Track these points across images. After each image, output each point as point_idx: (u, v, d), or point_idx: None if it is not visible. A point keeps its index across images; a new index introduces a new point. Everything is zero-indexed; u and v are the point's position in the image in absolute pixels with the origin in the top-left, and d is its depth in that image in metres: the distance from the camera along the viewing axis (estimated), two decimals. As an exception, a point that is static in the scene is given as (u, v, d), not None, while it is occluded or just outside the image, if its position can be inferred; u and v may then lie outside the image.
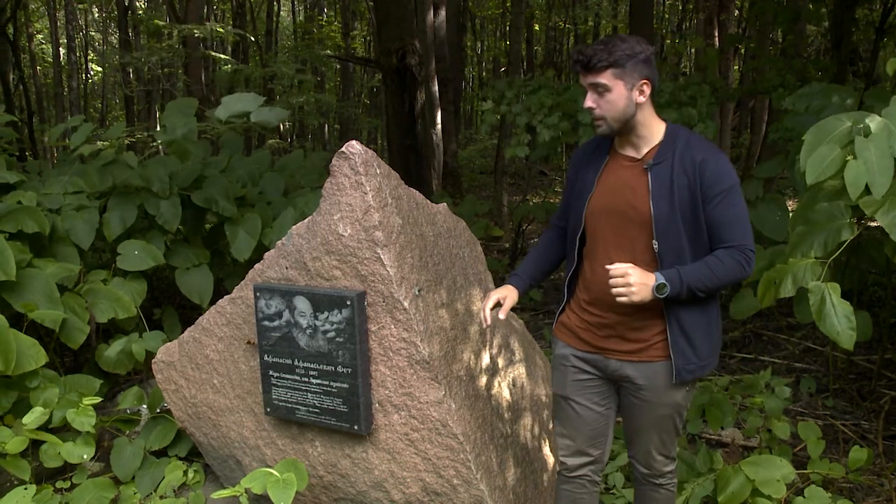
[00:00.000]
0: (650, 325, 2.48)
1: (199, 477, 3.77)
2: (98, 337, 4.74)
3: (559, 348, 2.73)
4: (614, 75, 2.35)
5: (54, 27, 20.24)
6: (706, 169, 2.35)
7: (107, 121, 23.71)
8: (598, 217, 2.51)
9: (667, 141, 2.44)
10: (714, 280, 2.33)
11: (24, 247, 4.41)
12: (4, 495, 3.26)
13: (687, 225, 2.38)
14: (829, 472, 3.45)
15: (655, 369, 2.50)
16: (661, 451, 2.67)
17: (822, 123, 3.32)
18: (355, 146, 2.71)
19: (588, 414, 2.68)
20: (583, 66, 2.36)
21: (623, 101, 2.38)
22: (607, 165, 2.54)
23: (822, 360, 5.33)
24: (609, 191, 2.50)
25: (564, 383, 2.70)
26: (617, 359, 2.55)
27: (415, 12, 9.80)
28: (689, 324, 2.44)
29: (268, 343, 3.01)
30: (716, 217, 2.37)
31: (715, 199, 2.35)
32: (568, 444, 2.76)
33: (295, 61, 17.18)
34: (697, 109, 5.48)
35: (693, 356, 2.46)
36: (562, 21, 23.98)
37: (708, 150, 2.40)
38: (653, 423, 2.59)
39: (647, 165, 2.42)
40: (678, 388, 2.52)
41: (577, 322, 2.65)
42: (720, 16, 14.23)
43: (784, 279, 3.15)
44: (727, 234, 2.37)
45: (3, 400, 3.87)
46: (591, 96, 2.39)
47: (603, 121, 2.40)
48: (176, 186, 5.31)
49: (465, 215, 7.69)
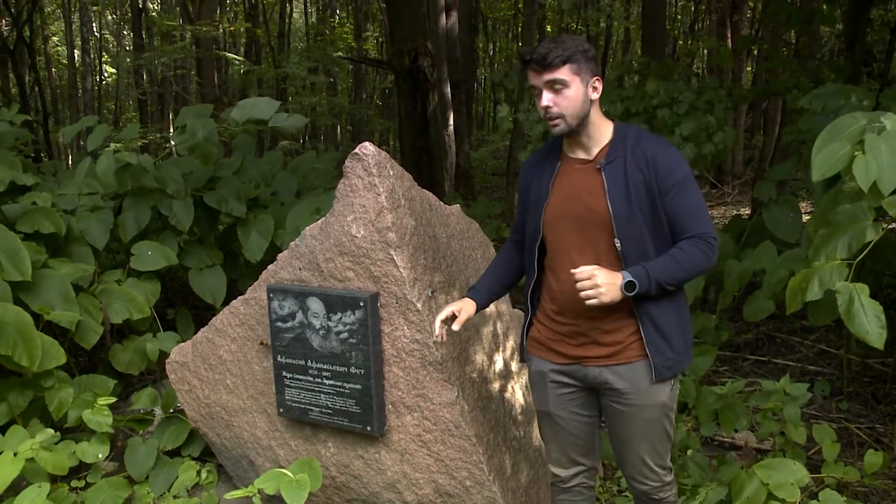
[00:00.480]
0: (623, 326, 2.42)
1: (212, 477, 3.79)
2: (112, 337, 4.77)
3: (535, 364, 2.64)
4: (571, 70, 2.32)
5: (69, 29, 20.39)
6: (659, 162, 2.34)
7: (120, 122, 23.86)
8: (557, 223, 2.46)
9: (616, 139, 2.42)
10: (681, 272, 2.30)
11: (39, 247, 4.45)
12: (19, 493, 3.29)
13: (647, 220, 2.35)
14: (844, 476, 3.42)
15: (634, 370, 2.44)
16: (655, 460, 2.57)
17: (838, 122, 3.30)
18: (368, 148, 2.72)
19: (574, 426, 2.62)
20: (538, 63, 2.30)
21: (580, 97, 2.34)
22: (560, 170, 2.49)
23: (836, 363, 5.30)
24: (565, 195, 2.45)
25: (546, 399, 2.62)
26: (595, 365, 2.47)
27: (427, 14, 9.80)
28: (661, 320, 2.40)
29: (281, 344, 3.02)
30: (674, 208, 2.34)
31: (671, 191, 2.33)
32: (558, 458, 2.71)
33: (307, 62, 17.22)
34: (715, 115, 5.45)
35: (669, 351, 2.42)
36: (574, 23, 23.93)
37: (659, 144, 2.39)
38: (641, 429, 2.50)
39: (599, 165, 2.38)
40: (660, 387, 2.46)
41: (548, 334, 2.57)
42: (733, 17, 14.19)
43: (810, 282, 3.13)
44: (688, 224, 2.34)
45: (19, 399, 3.91)
46: (548, 95, 2.33)
47: (561, 119, 2.34)
48: (189, 188, 5.34)
49: (477, 217, 7.70)
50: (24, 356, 3.67)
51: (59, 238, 4.79)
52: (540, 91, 2.35)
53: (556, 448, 2.69)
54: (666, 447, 2.58)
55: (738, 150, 14.78)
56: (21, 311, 3.78)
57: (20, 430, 3.61)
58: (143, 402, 4.09)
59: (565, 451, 2.68)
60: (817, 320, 4.02)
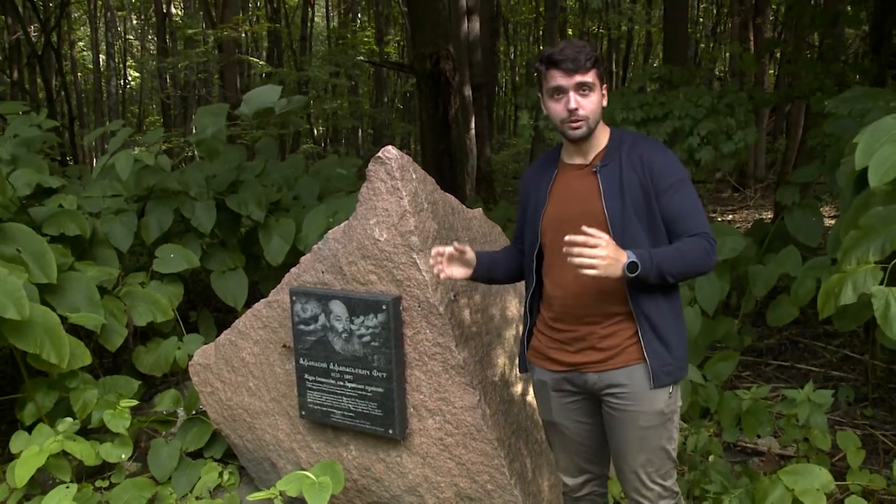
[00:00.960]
0: (620, 329, 2.39)
1: (234, 479, 3.81)
2: (135, 339, 4.82)
3: (536, 374, 2.62)
4: (596, 74, 2.34)
5: (95, 34, 20.62)
6: (654, 163, 2.33)
7: (144, 125, 24.09)
8: (555, 228, 2.44)
9: (612, 144, 2.42)
10: (683, 264, 2.24)
11: (65, 250, 4.50)
12: (47, 493, 3.33)
13: (642, 222, 2.33)
14: (870, 484, 3.39)
15: (632, 374, 2.38)
16: (651, 476, 2.47)
17: (879, 123, 3.25)
18: (391, 151, 2.73)
19: (579, 434, 2.59)
20: (572, 63, 2.29)
21: (600, 101, 2.37)
22: (557, 177, 2.50)
23: (861, 369, 5.24)
24: (562, 201, 2.45)
25: (549, 409, 2.60)
26: (594, 371, 2.43)
27: (449, 18, 9.82)
28: (660, 324, 2.37)
29: (303, 347, 3.03)
30: (672, 209, 2.32)
31: (668, 192, 2.32)
32: (566, 466, 2.68)
33: (329, 66, 17.30)
34: (735, 118, 5.42)
35: (668, 356, 2.38)
36: (595, 26, 23.88)
37: (654, 147, 2.39)
38: (637, 439, 2.43)
39: (595, 168, 2.39)
40: (658, 394, 2.39)
41: (546, 343, 2.55)
42: (756, 20, 14.08)
43: (844, 286, 3.09)
44: (688, 224, 2.31)
45: (46, 399, 3.96)
46: (575, 97, 2.32)
47: (585, 122, 2.34)
48: (212, 191, 5.38)
49: (498, 220, 7.69)
50: (52, 354, 3.72)
51: (84, 241, 4.85)
52: (566, 92, 2.33)
53: (564, 456, 2.67)
54: (665, 464, 2.48)
55: (760, 154, 14.67)
56: (48, 311, 3.83)
57: (46, 428, 3.66)
58: (165, 403, 4.13)
59: (573, 459, 2.66)
60: (843, 326, 3.98)
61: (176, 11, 22.92)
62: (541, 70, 2.40)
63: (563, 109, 2.35)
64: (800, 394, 3.53)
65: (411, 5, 9.22)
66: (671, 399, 2.44)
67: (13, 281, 3.55)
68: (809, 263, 4.42)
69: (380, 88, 24.27)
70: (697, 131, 5.31)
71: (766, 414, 3.77)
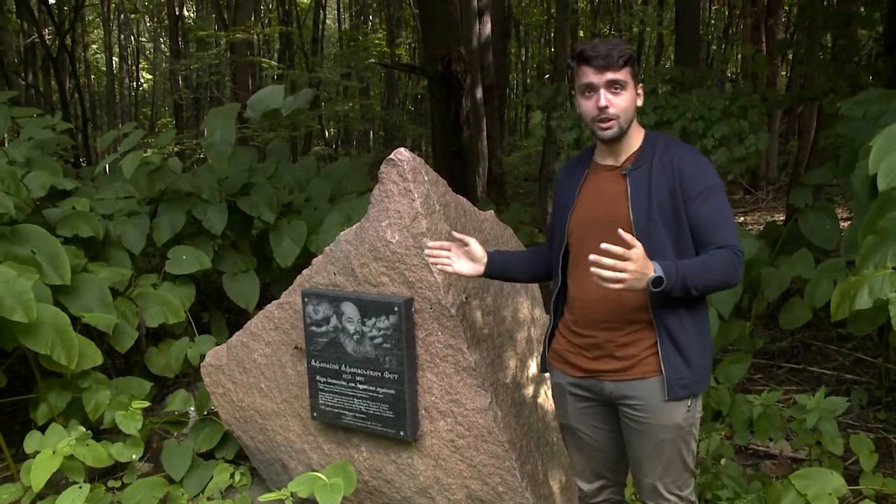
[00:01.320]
0: (639, 339, 2.34)
1: (245, 480, 3.82)
2: (148, 340, 4.84)
3: (555, 376, 2.59)
4: (629, 73, 2.28)
5: (108, 37, 20.74)
6: (685, 168, 2.27)
7: (156, 127, 24.21)
8: (581, 230, 2.41)
9: (645, 146, 2.37)
10: (709, 278, 2.17)
11: (79, 251, 4.53)
12: (60, 493, 3.35)
13: (668, 228, 2.27)
14: (883, 488, 3.36)
15: (648, 386, 2.33)
16: (668, 487, 2.43)
17: (894, 128, 3.23)
18: (404, 153, 2.73)
19: (596, 440, 2.55)
20: (604, 59, 2.24)
21: (633, 101, 2.31)
22: (587, 177, 2.46)
23: (874, 372, 5.21)
24: (590, 202, 2.41)
25: (566, 412, 2.56)
26: (610, 380, 2.39)
27: (460, 20, 9.82)
28: (681, 336, 2.30)
29: (315, 348, 3.04)
30: (700, 217, 2.25)
31: (697, 199, 2.25)
32: (582, 471, 2.64)
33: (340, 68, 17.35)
34: (749, 121, 5.39)
35: (686, 370, 2.31)
36: (606, 28, 23.85)
37: (687, 152, 2.33)
38: (654, 451, 2.39)
39: (625, 171, 2.34)
40: (674, 407, 2.34)
41: (565, 346, 2.51)
42: (768, 21, 14.04)
43: (860, 290, 3.07)
44: (717, 234, 2.24)
45: (58, 400, 3.99)
46: (606, 95, 2.26)
47: (616, 122, 2.29)
48: (224, 193, 5.40)
49: (510, 222, 7.68)
50: (62, 355, 3.74)
51: (97, 242, 4.87)
52: (596, 90, 2.29)
53: (580, 461, 2.63)
54: (682, 475, 2.45)
55: (772, 156, 14.62)
56: (58, 311, 3.85)
57: (58, 428, 3.68)
58: (177, 404, 4.14)
59: (589, 464, 2.62)
60: (858, 330, 3.95)
61: (188, 14, 23.03)
62: (573, 66, 2.34)
63: (593, 107, 2.30)
64: (811, 401, 3.50)
65: (423, 7, 9.23)
66: (689, 413, 2.38)
67: (22, 283, 3.56)
68: (823, 265, 4.39)
69: (391, 90, 24.32)
70: (712, 133, 5.28)
71: (780, 420, 3.74)
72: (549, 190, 11.27)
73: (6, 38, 14.60)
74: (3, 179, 4.31)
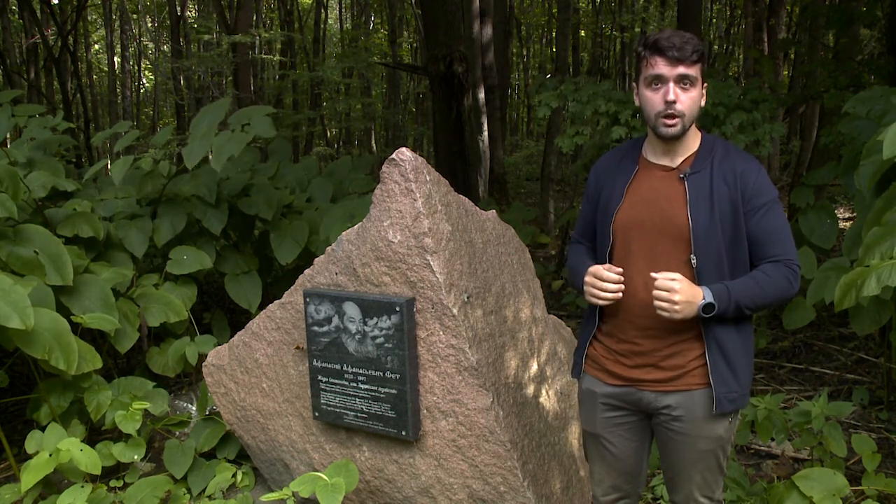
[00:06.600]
0: (687, 349, 2.27)
1: (248, 479, 3.82)
2: (149, 340, 4.84)
3: (586, 382, 2.50)
4: (700, 70, 2.19)
5: (110, 37, 20.75)
6: (749, 179, 2.20)
7: (158, 128, 24.22)
8: (628, 231, 2.30)
9: (704, 149, 2.28)
10: (762, 297, 2.15)
11: (81, 251, 4.53)
12: (62, 493, 3.35)
13: (727, 238, 2.20)
14: (886, 488, 3.35)
15: (693, 399, 2.28)
16: (703, 492, 2.41)
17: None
18: (406, 153, 2.73)
19: (621, 451, 2.49)
20: (678, 51, 2.13)
21: (699, 99, 2.22)
22: (637, 175, 2.34)
23: (876, 372, 5.20)
24: (641, 202, 2.29)
25: (594, 420, 2.49)
26: (651, 390, 2.32)
27: (462, 20, 9.82)
28: (730, 348, 2.24)
29: (317, 348, 3.04)
30: (760, 230, 2.21)
31: (759, 211, 2.20)
32: (601, 480, 2.58)
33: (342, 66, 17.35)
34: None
35: (734, 383, 2.25)
36: (608, 27, 23.83)
37: (748, 161, 2.25)
38: (694, 460, 2.35)
39: (683, 174, 2.25)
40: (719, 420, 2.30)
41: (603, 352, 2.42)
42: (770, 20, 14.01)
43: (867, 279, 3.07)
44: (774, 248, 2.20)
45: (60, 400, 3.99)
46: (675, 89, 2.16)
47: (681, 120, 2.19)
48: (225, 194, 5.39)
49: (512, 222, 7.68)
50: (60, 360, 3.73)
51: (99, 242, 4.87)
52: (665, 83, 2.19)
53: (601, 470, 2.57)
54: (717, 480, 2.43)
55: (774, 156, 14.58)
56: (57, 316, 3.83)
57: (58, 428, 3.69)
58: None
59: (609, 475, 2.55)
60: (861, 329, 3.95)
61: (190, 14, 23.03)
62: (643, 56, 2.23)
63: (660, 101, 2.20)
64: (815, 406, 3.48)
65: (424, 7, 9.23)
66: (731, 425, 2.35)
67: (18, 291, 3.53)
68: (827, 264, 4.39)
69: (393, 90, 24.29)
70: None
71: (783, 422, 3.73)
72: (551, 190, 11.26)
73: (8, 39, 14.63)
74: (3, 180, 4.31)
